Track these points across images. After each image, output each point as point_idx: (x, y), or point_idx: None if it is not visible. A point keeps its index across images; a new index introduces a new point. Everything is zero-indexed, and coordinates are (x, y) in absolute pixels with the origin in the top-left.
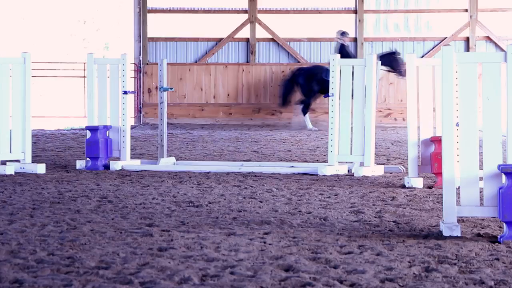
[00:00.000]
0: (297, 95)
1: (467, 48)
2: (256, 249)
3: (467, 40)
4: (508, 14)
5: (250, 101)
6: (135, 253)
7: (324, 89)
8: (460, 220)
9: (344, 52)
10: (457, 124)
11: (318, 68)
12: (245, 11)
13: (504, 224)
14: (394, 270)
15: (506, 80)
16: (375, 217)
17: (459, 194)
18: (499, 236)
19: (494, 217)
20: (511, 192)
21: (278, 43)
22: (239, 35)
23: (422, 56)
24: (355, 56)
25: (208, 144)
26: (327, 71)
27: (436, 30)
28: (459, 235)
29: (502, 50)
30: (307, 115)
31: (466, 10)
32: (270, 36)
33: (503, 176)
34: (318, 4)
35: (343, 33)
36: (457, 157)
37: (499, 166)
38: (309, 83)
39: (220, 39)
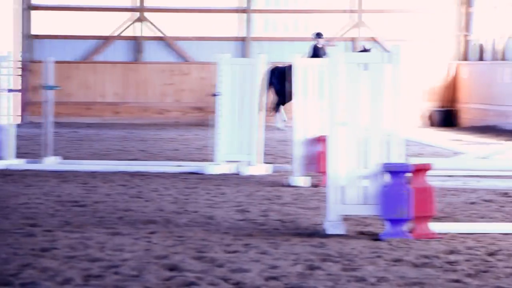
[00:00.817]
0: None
1: (354, 49)
2: (141, 249)
3: (353, 40)
4: (393, 15)
5: (138, 100)
6: (17, 253)
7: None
8: (344, 218)
9: (318, 53)
10: (342, 124)
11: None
12: (133, 9)
13: (386, 222)
14: (279, 269)
15: (390, 80)
16: (261, 216)
17: (343, 192)
18: (381, 234)
19: (377, 215)
20: (393, 191)
21: (166, 42)
22: (127, 33)
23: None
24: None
25: (94, 143)
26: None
27: (324, 30)
28: (343, 233)
29: (386, 51)
30: (278, 113)
31: (353, 11)
32: (159, 35)
33: (387, 175)
34: (206, 3)
35: (318, 34)
36: (342, 156)
37: (382, 164)
38: (282, 83)
39: (108, 37)
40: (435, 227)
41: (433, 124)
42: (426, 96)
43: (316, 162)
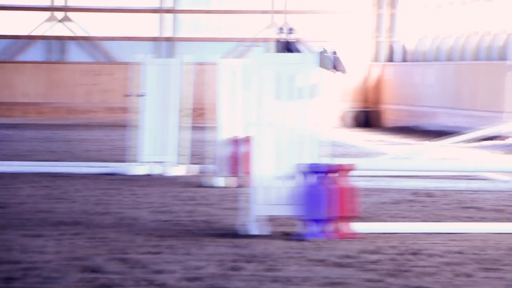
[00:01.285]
0: None
1: (268, 50)
2: (64, 250)
3: (267, 41)
4: (308, 16)
5: (63, 101)
6: None
7: None
8: (268, 219)
9: (290, 48)
10: (265, 124)
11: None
12: (57, 9)
13: (309, 222)
14: (203, 269)
15: (312, 81)
16: (186, 216)
17: (267, 193)
18: (304, 234)
19: (301, 215)
20: (315, 191)
21: (91, 42)
22: (51, 33)
23: (226, 57)
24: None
25: (17, 144)
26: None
27: (244, 31)
28: (267, 233)
29: (310, 52)
30: None
31: (268, 12)
32: (83, 35)
33: (310, 175)
34: (132, 3)
35: (289, 30)
36: (266, 156)
37: (305, 165)
38: None
39: (31, 37)
40: (358, 227)
41: (356, 125)
42: (350, 97)
43: (231, 163)
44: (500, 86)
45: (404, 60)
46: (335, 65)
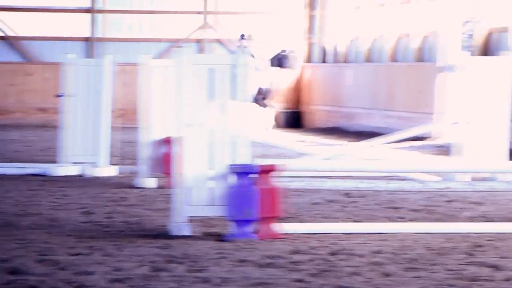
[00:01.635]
0: None
1: (200, 50)
2: None
3: (200, 42)
4: (239, 17)
5: None
6: None
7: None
8: (190, 219)
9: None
10: (189, 125)
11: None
12: None
13: (232, 223)
14: (123, 271)
15: (236, 82)
16: (106, 218)
17: (190, 194)
18: (227, 235)
19: (223, 216)
20: (239, 192)
21: (9, 42)
22: None
23: (157, 57)
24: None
25: None
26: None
27: (171, 31)
28: (188, 234)
29: (233, 52)
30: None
31: (200, 13)
32: (13, 35)
33: (233, 176)
34: (63, 3)
35: (242, 36)
36: (188, 157)
37: (228, 165)
38: None
39: None
40: (280, 227)
41: (288, 125)
42: (282, 98)
43: (162, 164)
44: (428, 87)
45: (335, 62)
46: (281, 64)
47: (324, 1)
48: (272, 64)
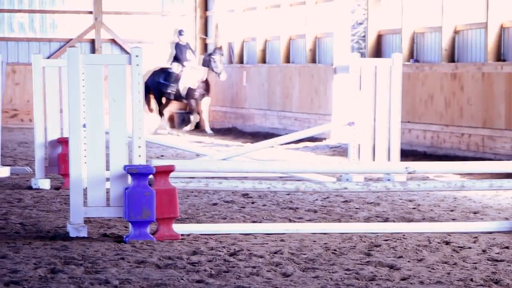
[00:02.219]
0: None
1: (93, 50)
2: None
3: (92, 42)
4: (132, 17)
5: None
6: None
7: (157, 92)
8: (87, 221)
9: (179, 51)
10: (84, 125)
11: (158, 71)
12: None
13: (130, 224)
14: (20, 273)
15: (131, 82)
16: (1, 219)
17: (86, 195)
18: (124, 236)
19: (121, 217)
20: (136, 193)
21: None
22: None
23: (49, 57)
24: (192, 52)
25: None
26: (165, 74)
27: (63, 31)
28: (86, 235)
29: (126, 52)
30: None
31: (91, 12)
32: None
33: (129, 177)
34: None
35: (179, 32)
36: (84, 158)
37: (125, 166)
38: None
39: None
40: (178, 228)
41: (175, 126)
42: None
43: (58, 164)
44: (324, 88)
45: (230, 62)
46: (210, 65)
47: (218, 2)
48: (203, 64)
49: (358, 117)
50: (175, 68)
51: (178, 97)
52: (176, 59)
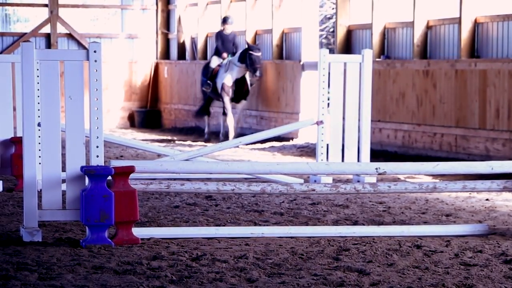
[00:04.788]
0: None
1: (48, 45)
2: None
3: (48, 36)
4: (89, 10)
5: None
6: None
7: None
8: (42, 224)
9: (220, 42)
10: (39, 124)
11: (204, 66)
12: None
13: (87, 228)
14: None
15: (89, 78)
16: None
17: (41, 197)
18: (81, 240)
19: (77, 221)
20: (93, 195)
21: None
22: None
23: (1, 52)
24: (236, 45)
25: None
26: (205, 69)
27: (16, 25)
28: (40, 240)
29: (84, 48)
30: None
31: (47, 5)
32: None
33: (86, 178)
34: None
35: (224, 19)
36: (39, 158)
37: (82, 167)
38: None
39: None
40: (138, 232)
41: (135, 125)
42: (129, 96)
43: (11, 165)
44: (291, 86)
45: (193, 58)
46: (248, 63)
47: None
48: (240, 60)
49: (326, 116)
50: (213, 62)
51: (215, 95)
52: (217, 51)
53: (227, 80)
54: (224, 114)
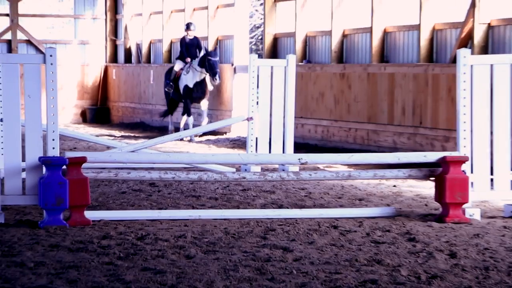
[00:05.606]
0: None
1: (10, 50)
2: None
3: (9, 42)
4: (46, 20)
5: None
6: None
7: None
8: (5, 208)
9: (184, 47)
10: (1, 120)
11: (168, 70)
12: None
13: (44, 211)
14: None
15: (45, 79)
16: None
17: (3, 184)
18: (39, 222)
19: (36, 205)
20: (50, 182)
21: None
22: None
23: None
24: (199, 49)
25: None
26: (169, 72)
27: None
28: (3, 222)
29: (41, 52)
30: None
31: (8, 15)
32: None
33: (44, 167)
34: None
35: (187, 25)
36: (1, 150)
37: (40, 158)
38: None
39: None
40: (89, 215)
41: (86, 120)
42: (81, 95)
43: None
44: (225, 86)
45: (138, 62)
46: (207, 68)
47: (127, 6)
48: (200, 65)
49: (256, 113)
50: (176, 65)
51: (177, 96)
52: (181, 55)
53: (188, 82)
54: (184, 113)
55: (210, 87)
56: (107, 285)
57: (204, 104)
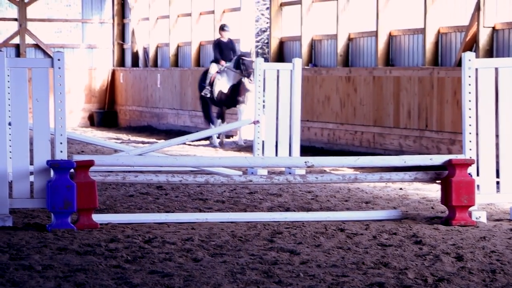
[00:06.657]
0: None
1: (18, 55)
2: None
3: (17, 47)
4: (54, 24)
5: None
6: None
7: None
8: (13, 211)
9: (218, 49)
10: (10, 123)
11: (203, 72)
12: None
13: (52, 214)
14: None
15: (53, 83)
16: None
17: (12, 187)
18: (47, 225)
19: (44, 208)
20: (58, 185)
21: None
22: None
23: None
24: (234, 52)
25: None
26: (204, 75)
27: None
28: (11, 225)
29: (49, 56)
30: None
31: (16, 20)
32: None
33: (51, 171)
34: None
35: (221, 27)
36: (10, 153)
37: (47, 161)
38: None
39: None
40: (97, 218)
41: (94, 124)
42: (89, 99)
43: None
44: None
45: (146, 66)
46: (241, 68)
47: (134, 11)
48: (235, 66)
49: (262, 116)
50: (212, 68)
51: (214, 101)
52: (216, 58)
53: (223, 87)
54: (219, 118)
55: (249, 88)
56: None
57: (242, 108)
